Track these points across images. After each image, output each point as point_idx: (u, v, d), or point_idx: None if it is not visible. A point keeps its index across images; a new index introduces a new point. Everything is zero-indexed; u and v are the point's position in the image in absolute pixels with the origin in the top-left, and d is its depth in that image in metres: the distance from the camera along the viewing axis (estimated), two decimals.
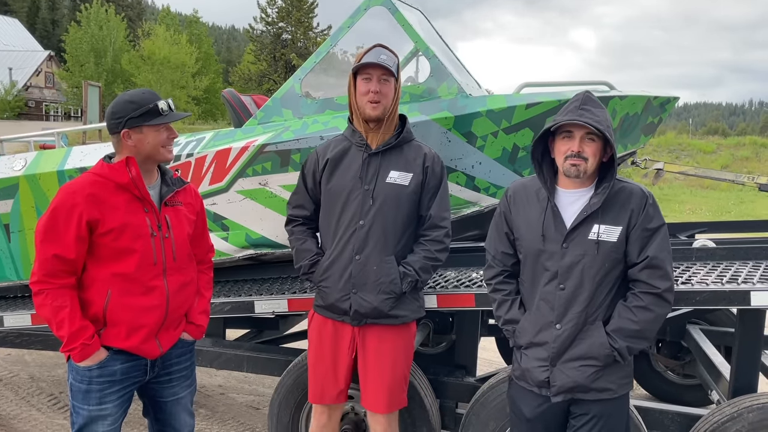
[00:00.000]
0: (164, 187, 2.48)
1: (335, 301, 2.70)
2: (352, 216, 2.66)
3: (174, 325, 2.51)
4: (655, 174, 4.84)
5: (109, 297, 2.33)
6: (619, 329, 2.24)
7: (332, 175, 2.71)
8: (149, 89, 2.48)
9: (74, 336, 2.28)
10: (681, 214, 16.35)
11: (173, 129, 2.44)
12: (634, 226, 2.24)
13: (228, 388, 5.13)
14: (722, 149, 26.57)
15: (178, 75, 40.22)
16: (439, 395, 3.32)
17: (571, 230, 2.26)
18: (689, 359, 4.31)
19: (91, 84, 20.67)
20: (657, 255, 2.23)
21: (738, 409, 2.71)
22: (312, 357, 2.84)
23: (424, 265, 2.70)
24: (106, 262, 2.33)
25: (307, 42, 43.24)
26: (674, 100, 4.06)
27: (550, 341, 2.30)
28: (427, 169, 2.70)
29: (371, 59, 2.59)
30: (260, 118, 3.56)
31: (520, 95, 3.31)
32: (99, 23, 45.63)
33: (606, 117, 2.22)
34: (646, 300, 2.23)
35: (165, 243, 2.42)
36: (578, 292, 2.26)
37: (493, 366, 4.80)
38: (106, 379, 2.38)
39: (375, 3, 3.43)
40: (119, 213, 2.32)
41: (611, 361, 2.25)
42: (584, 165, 2.21)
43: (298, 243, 2.82)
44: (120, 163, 2.34)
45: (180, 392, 2.61)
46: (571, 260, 2.26)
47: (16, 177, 3.64)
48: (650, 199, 2.28)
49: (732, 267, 3.17)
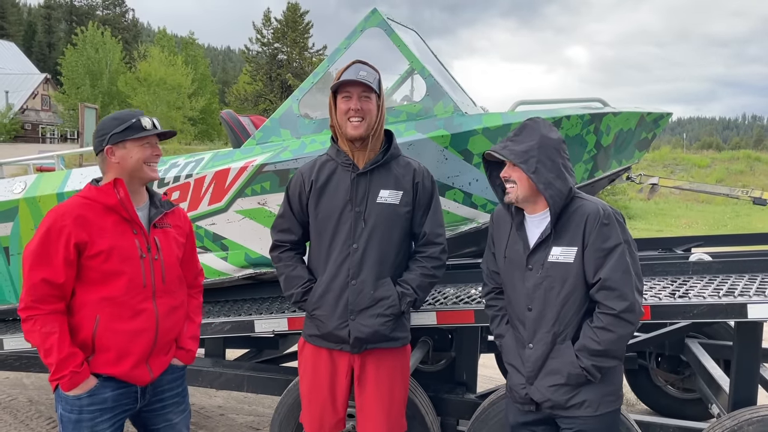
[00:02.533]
0: (153, 209, 2.45)
1: (333, 329, 2.59)
2: (344, 239, 2.57)
3: (164, 350, 2.46)
4: (650, 189, 4.87)
5: (98, 322, 2.27)
6: (584, 348, 2.26)
7: (320, 197, 2.61)
8: (132, 109, 2.50)
9: (63, 364, 2.22)
10: (677, 229, 16.40)
11: (158, 147, 2.41)
12: (587, 246, 2.25)
13: (228, 408, 5.11)
14: (717, 163, 26.75)
15: (174, 96, 40.42)
16: (440, 412, 3.32)
17: (531, 252, 2.34)
18: (689, 373, 4.32)
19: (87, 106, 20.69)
20: (610, 276, 2.21)
21: (738, 422, 2.71)
22: (307, 388, 2.74)
23: (422, 283, 2.64)
24: (94, 286, 2.28)
25: (303, 62, 43.58)
26: (667, 115, 4.11)
27: (525, 360, 2.37)
28: (418, 185, 2.63)
29: (350, 76, 2.51)
30: (258, 138, 3.60)
31: (516, 113, 3.35)
32: (95, 46, 45.95)
33: (530, 146, 2.28)
34: (605, 321, 2.23)
35: (154, 265, 2.38)
36: (544, 313, 2.31)
37: (494, 382, 4.79)
38: (97, 407, 2.31)
39: (371, 24, 3.48)
40: (107, 235, 2.28)
41: (582, 379, 2.27)
42: (515, 189, 2.31)
43: (288, 269, 2.70)
44: (108, 184, 2.32)
45: (174, 418, 2.55)
46: (534, 282, 2.33)
47: (16, 200, 3.65)
48: (605, 218, 2.25)
49: (728, 280, 3.20)
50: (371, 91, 2.55)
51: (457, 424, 3.36)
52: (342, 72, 2.56)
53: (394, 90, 4.25)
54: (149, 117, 2.39)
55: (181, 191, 3.55)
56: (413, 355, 3.86)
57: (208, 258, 3.59)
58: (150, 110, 38.31)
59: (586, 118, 3.34)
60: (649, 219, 19.01)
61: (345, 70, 2.56)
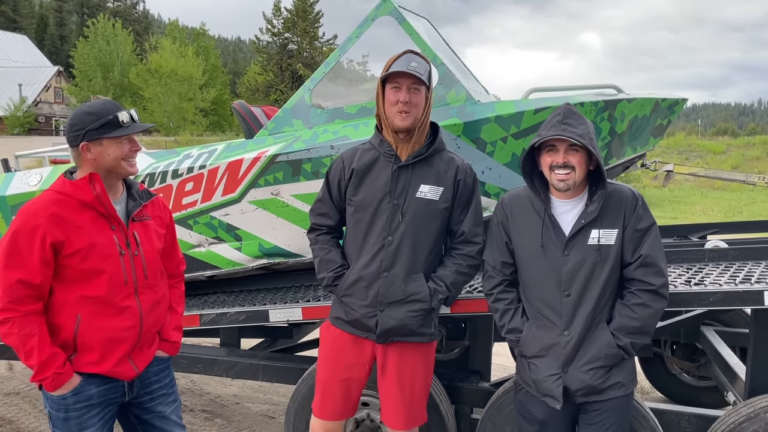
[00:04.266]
0: (131, 202, 2.35)
1: (360, 317, 2.59)
2: (380, 231, 2.55)
3: (148, 344, 2.42)
4: (665, 176, 4.84)
5: (79, 321, 2.21)
6: (622, 327, 2.34)
7: (359, 186, 2.59)
8: (110, 99, 2.39)
9: (44, 365, 2.16)
10: (692, 216, 16.27)
11: (136, 141, 2.30)
12: (627, 227, 2.34)
13: (243, 397, 5.15)
14: (732, 149, 26.47)
15: (185, 87, 40.57)
16: (454, 401, 3.32)
17: (570, 237, 2.35)
18: (704, 361, 4.30)
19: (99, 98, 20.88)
20: (650, 253, 2.33)
21: (754, 409, 2.70)
22: (325, 371, 2.73)
23: (456, 281, 2.61)
24: (73, 285, 2.21)
25: (313, 52, 43.48)
26: (682, 101, 4.06)
27: (561, 349, 2.35)
28: (459, 183, 2.59)
29: (401, 67, 2.47)
30: (271, 128, 3.60)
31: (528, 100, 3.33)
32: (106, 38, 46.17)
33: (587, 129, 2.30)
34: (644, 297, 2.33)
35: (135, 261, 2.30)
36: (584, 297, 2.34)
37: (507, 371, 4.79)
38: (83, 404, 2.27)
39: (382, 13, 3.46)
40: (85, 233, 2.19)
41: (619, 359, 2.34)
42: (572, 175, 2.30)
43: (323, 253, 2.69)
44: (83, 179, 2.21)
45: (164, 410, 2.50)
46: (573, 266, 2.34)
47: (33, 192, 3.69)
48: (640, 200, 2.37)
49: (745, 267, 3.17)
50: (421, 84, 2.52)
51: (471, 412, 3.37)
52: (392, 61, 2.52)
53: None
54: (127, 110, 2.27)
55: (195, 182, 3.57)
56: None
57: (223, 248, 3.62)
58: (162, 101, 38.56)
59: (600, 105, 3.32)
60: (664, 206, 18.87)
61: (396, 59, 2.52)
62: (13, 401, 5.03)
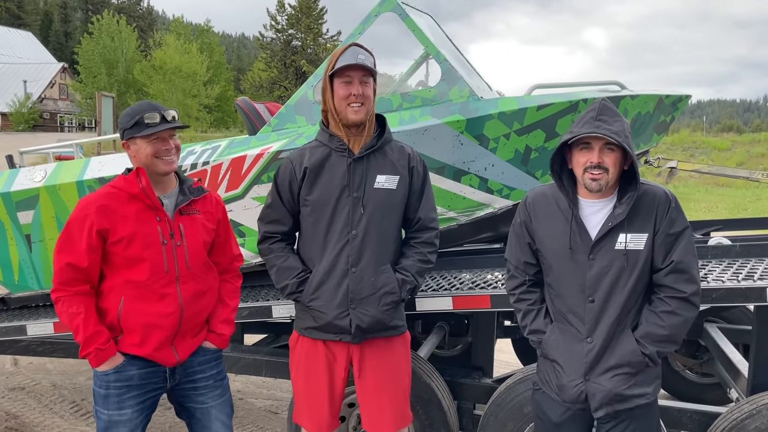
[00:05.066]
0: (180, 196, 2.50)
1: (332, 319, 2.51)
2: (342, 226, 2.50)
3: (191, 333, 2.52)
4: (669, 172, 4.82)
5: (122, 304, 2.39)
6: (648, 335, 2.19)
7: (314, 184, 2.54)
8: (148, 101, 2.53)
9: (88, 341, 2.36)
10: (697, 213, 16.21)
11: (167, 140, 2.42)
12: (659, 231, 2.18)
13: (246, 393, 5.17)
14: (737, 146, 26.34)
15: (189, 84, 40.60)
16: (457, 397, 3.33)
17: (596, 241, 2.19)
18: (707, 358, 4.29)
19: (104, 95, 20.86)
20: (682, 259, 2.16)
21: (757, 406, 2.69)
22: (303, 385, 2.65)
23: (420, 269, 2.60)
24: (119, 270, 2.40)
25: (317, 48, 43.44)
26: (686, 98, 4.05)
27: (582, 356, 2.23)
28: (413, 170, 2.59)
29: (350, 61, 2.43)
30: (274, 125, 3.61)
31: (532, 97, 3.33)
32: (111, 34, 46.20)
33: (623, 126, 2.14)
34: (673, 304, 2.17)
35: (177, 251, 2.44)
36: (608, 304, 2.20)
37: (510, 367, 4.80)
38: (124, 384, 2.42)
39: (385, 9, 3.46)
40: (129, 222, 2.38)
41: (643, 366, 2.21)
42: (605, 177, 2.14)
43: (280, 261, 2.61)
44: (132, 174, 2.43)
45: (208, 401, 2.58)
46: (598, 271, 2.19)
47: (37, 188, 3.71)
48: (673, 202, 2.20)
49: (748, 264, 3.17)
50: (370, 76, 2.49)
51: (473, 408, 3.38)
52: (338, 56, 2.47)
53: (409, 75, 4.23)
54: (158, 111, 2.40)
55: (198, 178, 3.58)
56: (429, 340, 3.89)
57: None
58: (166, 98, 38.56)
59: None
60: None
61: (341, 54, 2.47)
62: (18, 396, 5.06)
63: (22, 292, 3.95)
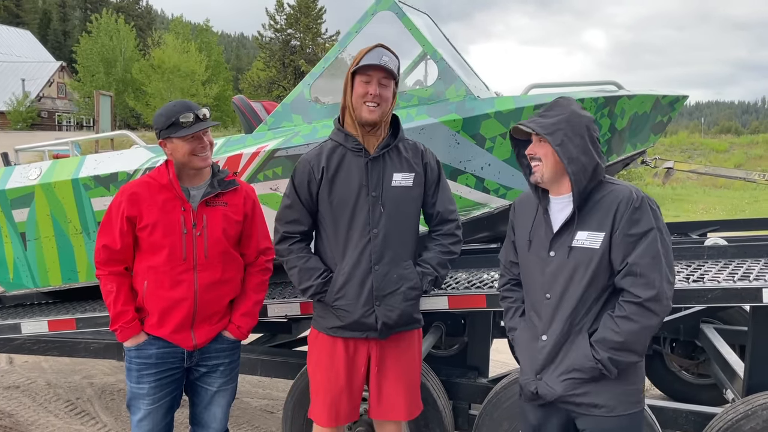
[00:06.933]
0: (209, 188, 2.65)
1: (359, 318, 2.54)
2: (363, 225, 2.53)
3: (211, 320, 2.68)
4: (666, 173, 4.81)
5: (146, 287, 2.60)
6: (602, 340, 2.11)
7: (332, 184, 2.56)
8: (182, 100, 2.68)
9: (116, 318, 2.60)
10: (694, 214, 16.23)
11: (202, 138, 2.58)
12: (616, 231, 2.11)
13: (242, 392, 5.16)
14: (735, 148, 26.40)
15: (188, 83, 40.57)
16: (452, 397, 3.33)
17: (554, 237, 2.20)
18: (703, 358, 4.29)
19: (102, 93, 20.86)
20: (638, 261, 2.08)
21: (752, 406, 2.69)
22: (323, 380, 2.67)
23: (441, 261, 2.65)
24: (144, 255, 2.61)
25: (316, 48, 43.38)
26: (683, 98, 4.05)
27: (536, 353, 2.23)
28: (426, 166, 2.64)
29: (373, 60, 2.45)
30: (270, 123, 3.60)
31: (528, 96, 3.32)
32: (109, 33, 46.19)
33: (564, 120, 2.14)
34: (628, 309, 2.09)
35: (197, 241, 2.59)
36: (563, 301, 2.18)
37: (506, 367, 4.78)
38: (143, 361, 2.63)
39: (382, 8, 3.46)
40: (155, 210, 2.57)
41: (597, 373, 2.12)
42: (540, 166, 2.19)
43: (301, 261, 2.61)
44: (162, 166, 2.64)
45: (212, 383, 2.75)
46: (555, 268, 2.19)
47: (32, 186, 3.69)
48: (638, 202, 2.12)
49: (744, 264, 3.16)
50: (391, 78, 2.51)
51: (469, 408, 3.37)
52: (363, 54, 2.49)
53: (407, 74, 4.23)
54: (192, 110, 2.56)
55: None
56: (426, 339, 3.88)
57: None
58: (164, 97, 38.52)
59: (600, 101, 3.31)
60: (666, 205, 18.82)
61: (367, 52, 2.49)
62: (12, 395, 5.04)
63: (16, 291, 3.93)
